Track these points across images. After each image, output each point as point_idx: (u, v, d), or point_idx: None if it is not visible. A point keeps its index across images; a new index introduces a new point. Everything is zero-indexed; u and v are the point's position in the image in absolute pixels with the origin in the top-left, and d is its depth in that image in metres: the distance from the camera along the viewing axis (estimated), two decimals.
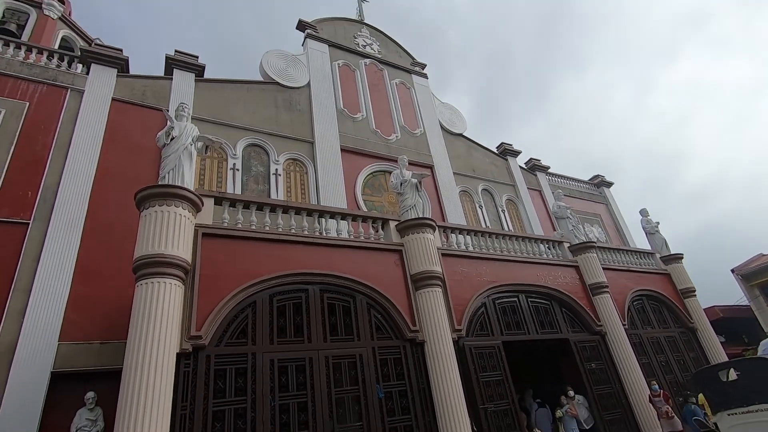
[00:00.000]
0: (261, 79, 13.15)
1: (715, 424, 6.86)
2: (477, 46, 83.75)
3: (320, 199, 11.51)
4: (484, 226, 14.80)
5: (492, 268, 9.50)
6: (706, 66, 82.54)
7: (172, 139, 6.72)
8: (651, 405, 9.02)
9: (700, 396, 8.20)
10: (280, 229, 7.31)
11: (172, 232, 5.81)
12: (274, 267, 6.77)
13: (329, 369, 6.46)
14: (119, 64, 10.63)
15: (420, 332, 7.50)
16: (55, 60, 10.14)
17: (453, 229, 9.89)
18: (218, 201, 7.12)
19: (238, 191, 10.59)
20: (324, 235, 7.76)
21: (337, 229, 8.10)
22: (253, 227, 7.07)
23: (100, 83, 10.17)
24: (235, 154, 11.13)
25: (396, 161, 10.52)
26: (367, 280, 7.50)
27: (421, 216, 8.71)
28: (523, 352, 10.29)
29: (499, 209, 16.15)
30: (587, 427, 8.85)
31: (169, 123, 6.85)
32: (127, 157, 9.58)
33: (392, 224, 8.65)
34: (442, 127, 16.55)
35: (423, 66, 17.82)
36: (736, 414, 6.51)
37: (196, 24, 71.85)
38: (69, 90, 9.81)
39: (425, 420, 6.85)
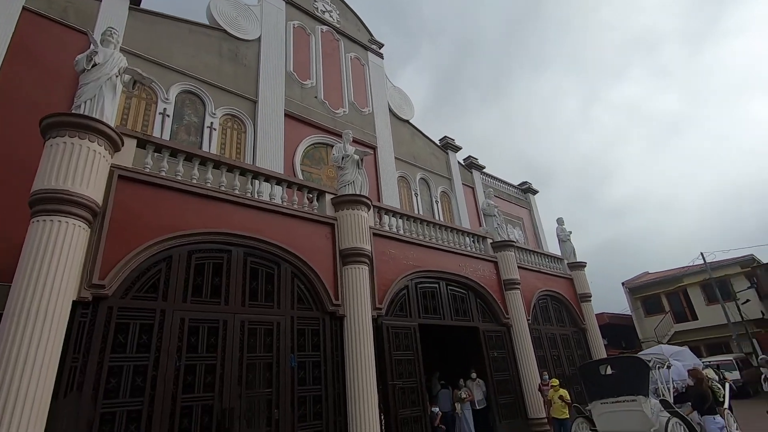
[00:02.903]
0: (207, 22, 12.13)
1: (589, 410, 7.82)
2: (448, 28, 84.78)
3: (256, 161, 10.99)
4: (417, 213, 15.18)
5: (419, 253, 9.79)
6: (645, 93, 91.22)
7: (94, 66, 5.96)
8: (540, 392, 9.99)
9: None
10: (209, 185, 6.85)
11: (81, 168, 5.20)
12: (197, 223, 6.38)
13: (244, 334, 6.29)
14: None
15: (341, 307, 7.55)
16: None
17: (387, 211, 10.00)
18: (141, 144, 6.49)
19: (167, 139, 9.76)
20: (256, 197, 7.44)
21: (270, 194, 7.81)
22: (179, 177, 6.57)
23: None
24: (167, 98, 10.20)
25: (340, 136, 10.33)
26: (295, 250, 7.35)
27: (358, 193, 8.69)
28: (436, 336, 10.82)
29: (434, 199, 16.64)
30: (478, 408, 9.66)
31: (92, 47, 6.05)
32: (34, 79, 8.37)
33: (328, 197, 8.53)
34: (391, 111, 16.56)
35: (380, 45, 17.59)
36: (607, 403, 7.48)
37: None
38: None
39: (335, 391, 6.97)
